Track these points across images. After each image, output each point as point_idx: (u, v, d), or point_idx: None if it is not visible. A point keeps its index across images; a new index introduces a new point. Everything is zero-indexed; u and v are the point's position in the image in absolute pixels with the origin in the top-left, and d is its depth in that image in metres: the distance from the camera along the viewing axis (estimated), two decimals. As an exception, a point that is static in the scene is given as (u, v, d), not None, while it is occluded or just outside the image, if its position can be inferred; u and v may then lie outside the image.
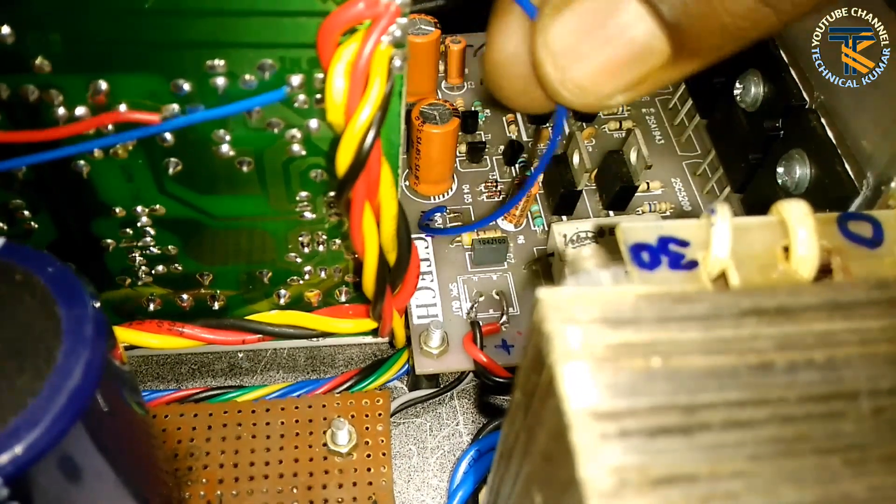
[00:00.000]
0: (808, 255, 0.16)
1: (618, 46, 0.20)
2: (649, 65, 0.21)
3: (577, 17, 0.21)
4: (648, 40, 0.20)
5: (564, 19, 0.21)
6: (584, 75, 0.21)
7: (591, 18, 0.21)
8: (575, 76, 0.21)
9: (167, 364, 0.34)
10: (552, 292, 0.14)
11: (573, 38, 0.21)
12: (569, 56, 0.21)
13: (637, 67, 0.21)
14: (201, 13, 0.21)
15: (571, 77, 0.21)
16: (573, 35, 0.21)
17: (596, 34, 0.21)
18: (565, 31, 0.21)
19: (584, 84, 0.21)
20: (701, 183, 0.38)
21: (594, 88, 0.21)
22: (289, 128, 0.24)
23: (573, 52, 0.21)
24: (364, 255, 0.25)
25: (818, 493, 0.13)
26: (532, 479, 0.16)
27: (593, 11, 0.20)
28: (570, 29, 0.21)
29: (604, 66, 0.21)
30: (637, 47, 0.20)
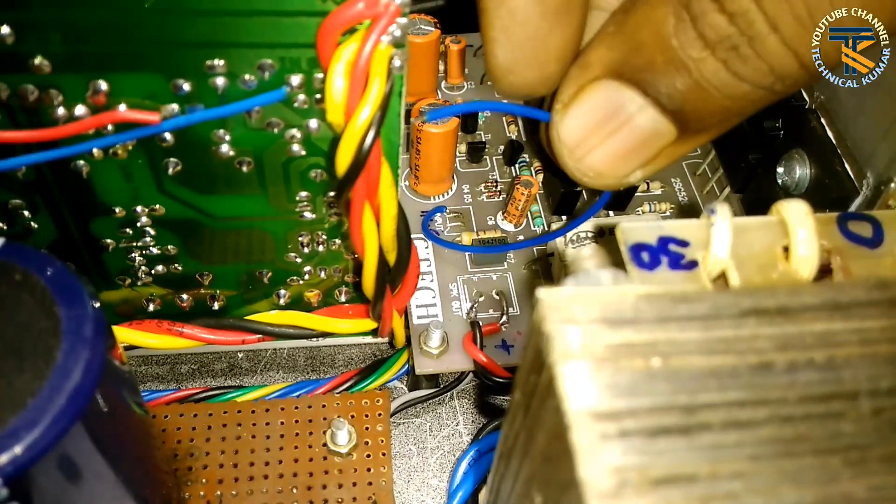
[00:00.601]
0: (808, 255, 0.16)
1: (625, 135, 0.22)
2: (658, 146, 0.22)
3: (585, 113, 0.22)
4: (653, 126, 0.21)
5: (572, 115, 0.22)
6: (599, 162, 0.23)
7: (596, 113, 0.22)
8: (590, 164, 0.23)
9: (167, 364, 0.34)
10: (552, 292, 0.14)
11: (583, 131, 0.22)
12: (582, 147, 0.23)
13: (647, 150, 0.22)
14: (201, 13, 0.21)
15: (588, 165, 0.23)
16: (583, 129, 0.22)
17: (604, 127, 0.22)
18: (576, 126, 0.22)
19: (601, 169, 0.23)
20: (701, 183, 0.38)
21: (611, 172, 0.23)
22: (288, 128, 0.24)
23: (586, 144, 0.22)
24: (364, 255, 0.25)
25: (818, 493, 0.13)
26: (532, 479, 0.16)
27: (599, 106, 0.22)
28: (579, 123, 0.22)
29: (616, 153, 0.22)
30: (644, 134, 0.22)
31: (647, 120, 0.21)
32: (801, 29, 0.19)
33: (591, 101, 0.22)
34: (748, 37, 0.19)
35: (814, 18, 0.19)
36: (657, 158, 0.23)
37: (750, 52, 0.19)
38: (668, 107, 0.21)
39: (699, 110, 0.21)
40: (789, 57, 0.19)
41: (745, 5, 0.19)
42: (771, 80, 0.20)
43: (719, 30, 0.19)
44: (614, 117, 0.22)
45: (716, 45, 0.19)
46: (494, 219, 0.36)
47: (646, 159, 0.23)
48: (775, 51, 0.19)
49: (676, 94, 0.20)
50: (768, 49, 0.19)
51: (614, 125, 0.22)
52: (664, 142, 0.22)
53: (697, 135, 0.22)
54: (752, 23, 0.19)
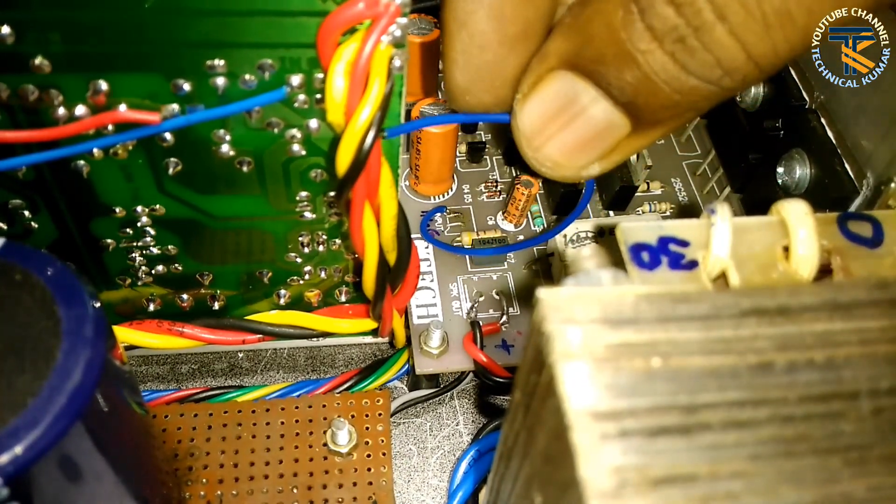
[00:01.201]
0: (808, 255, 0.16)
1: (581, 127, 0.22)
2: (613, 138, 0.22)
3: (541, 103, 0.22)
4: (608, 118, 0.22)
5: (530, 105, 0.23)
6: (556, 152, 0.23)
7: (553, 104, 0.22)
8: (547, 154, 0.23)
9: (167, 364, 0.34)
10: (552, 292, 0.14)
11: (540, 121, 0.23)
12: (539, 137, 0.23)
13: (603, 142, 0.22)
14: (201, 13, 0.21)
15: (545, 154, 0.23)
16: (540, 119, 0.23)
17: (559, 117, 0.22)
18: (533, 116, 0.23)
19: (558, 160, 0.23)
20: (701, 183, 0.38)
21: (568, 163, 0.23)
22: (289, 128, 0.24)
23: (542, 134, 0.23)
24: (364, 255, 0.25)
25: (818, 493, 0.13)
26: (532, 479, 0.16)
27: (554, 97, 0.22)
28: (536, 113, 0.23)
29: (572, 143, 0.23)
30: (599, 125, 0.22)
31: (601, 112, 0.21)
32: (748, 18, 0.18)
33: (547, 92, 0.22)
34: (694, 27, 0.19)
35: (762, 7, 0.18)
36: (614, 151, 0.23)
37: (696, 44, 0.19)
38: (619, 99, 0.21)
39: (650, 103, 0.21)
40: (736, 49, 0.19)
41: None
42: (719, 74, 0.19)
43: (666, 21, 0.19)
44: (569, 108, 0.22)
45: (663, 36, 0.19)
46: (494, 219, 0.36)
47: (602, 151, 0.23)
48: (722, 42, 0.19)
49: (627, 87, 0.20)
50: (715, 40, 0.19)
51: (569, 116, 0.22)
52: (619, 134, 0.22)
53: (652, 128, 0.22)
54: (698, 12, 0.18)
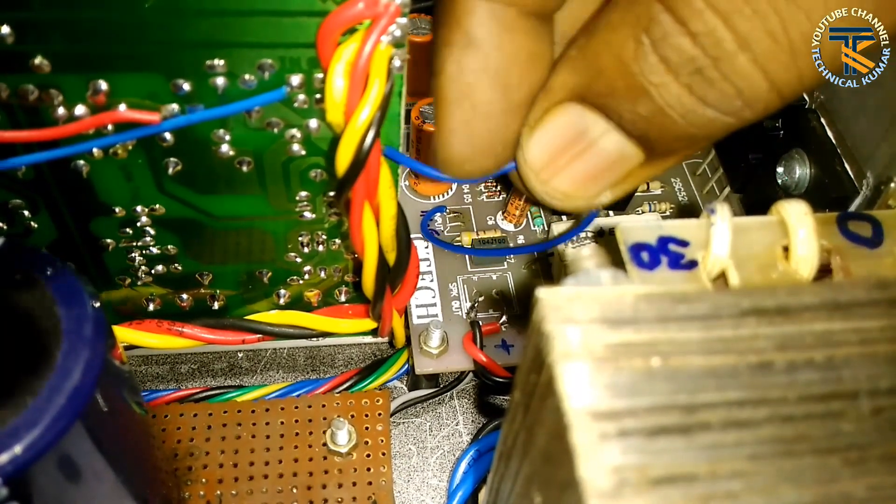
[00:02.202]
0: (807, 255, 0.16)
1: (590, 159, 0.22)
2: (625, 169, 0.22)
3: (549, 136, 0.22)
4: (619, 150, 0.21)
5: (538, 138, 0.22)
6: (566, 184, 0.22)
7: (562, 136, 0.22)
8: (557, 186, 0.23)
9: (167, 364, 0.34)
10: (552, 292, 0.14)
11: (549, 154, 0.22)
12: (548, 170, 0.22)
13: (613, 173, 0.22)
14: (201, 13, 0.21)
15: (554, 187, 0.23)
16: (548, 152, 0.22)
17: (569, 150, 0.22)
18: (541, 149, 0.22)
19: (568, 191, 0.23)
20: (701, 183, 0.38)
21: (578, 194, 0.23)
22: (288, 127, 0.24)
23: (551, 167, 0.22)
24: (364, 255, 0.25)
25: (818, 492, 0.13)
26: (532, 478, 0.16)
27: (563, 129, 0.21)
28: (544, 146, 0.22)
29: (582, 175, 0.22)
30: (610, 157, 0.21)
31: (612, 144, 0.21)
32: (774, 46, 0.18)
33: (555, 125, 0.22)
34: (714, 58, 0.18)
35: (789, 34, 0.17)
36: (626, 181, 0.22)
37: (716, 75, 0.18)
38: (632, 132, 0.20)
39: (664, 136, 0.20)
40: (759, 78, 0.18)
41: (711, 24, 0.18)
42: (738, 106, 0.19)
43: (682, 52, 0.18)
44: (579, 141, 0.21)
45: (679, 68, 0.18)
46: (494, 219, 0.36)
47: (613, 181, 0.22)
48: (745, 72, 0.18)
49: (640, 121, 0.20)
50: (737, 70, 0.18)
51: (579, 148, 0.21)
52: (630, 165, 0.22)
53: (665, 157, 0.22)
54: (718, 42, 0.18)
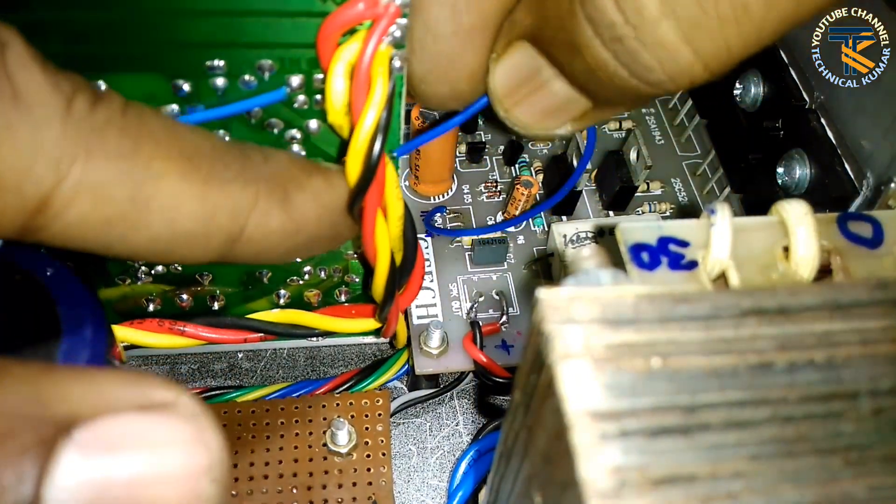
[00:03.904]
0: (808, 256, 0.16)
1: (543, 97, 0.22)
2: (577, 110, 0.22)
3: (508, 70, 0.22)
4: (567, 94, 0.22)
5: (500, 69, 0.23)
6: (524, 116, 0.23)
7: (518, 72, 0.22)
8: (516, 116, 0.23)
9: (167, 364, 0.34)
10: (552, 292, 0.14)
11: (508, 86, 0.23)
12: (508, 100, 0.23)
13: (567, 112, 0.22)
14: (201, 13, 0.21)
15: (514, 116, 0.23)
16: (508, 83, 0.23)
17: (525, 85, 0.22)
18: (503, 80, 0.23)
19: (527, 122, 0.23)
20: (701, 183, 0.38)
21: (538, 125, 0.23)
22: (288, 128, 0.24)
23: (511, 98, 0.23)
24: (376, 262, 0.25)
25: (818, 493, 0.13)
26: (532, 479, 0.16)
27: (519, 66, 0.22)
28: (504, 79, 0.23)
29: (538, 110, 0.23)
30: (560, 99, 0.22)
31: (560, 88, 0.22)
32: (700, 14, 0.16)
33: (513, 60, 0.22)
34: (634, 25, 0.17)
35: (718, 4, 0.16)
36: (582, 119, 0.23)
37: (637, 45, 0.17)
38: (573, 83, 0.21)
39: (600, 92, 0.20)
40: (683, 49, 0.17)
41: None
42: (662, 79, 0.18)
43: (605, 14, 0.17)
44: (533, 79, 0.22)
45: (603, 32, 0.17)
46: (494, 219, 0.36)
47: (567, 118, 0.23)
48: (666, 42, 0.17)
49: (577, 74, 0.20)
50: (658, 40, 0.17)
51: (533, 86, 0.22)
52: (581, 108, 0.22)
53: (611, 107, 0.22)
54: (639, 8, 0.16)
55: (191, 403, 0.13)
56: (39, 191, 0.16)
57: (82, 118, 0.17)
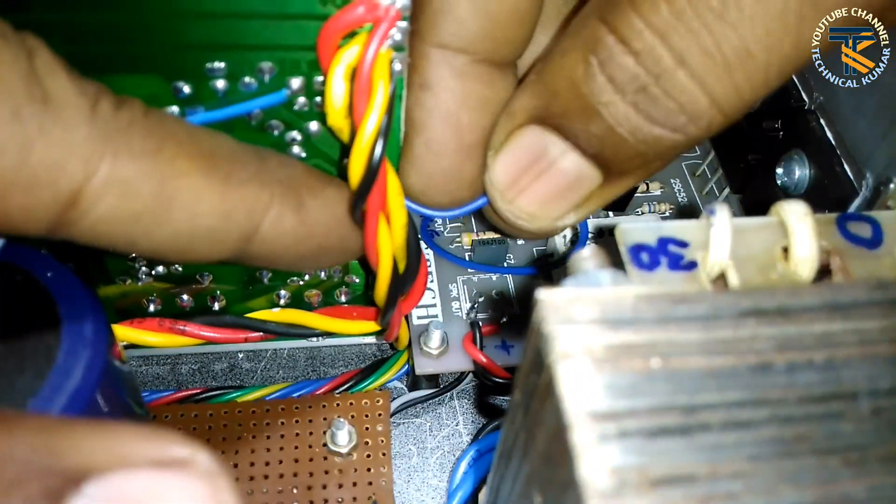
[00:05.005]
0: (807, 256, 0.16)
1: (552, 178, 0.22)
2: (585, 189, 0.23)
3: (513, 157, 0.23)
4: (578, 170, 0.22)
5: (502, 158, 0.23)
6: (530, 204, 0.23)
7: (524, 157, 0.22)
8: (521, 206, 0.23)
9: (167, 364, 0.34)
10: (552, 293, 0.14)
11: (513, 175, 0.23)
12: (512, 190, 0.23)
13: (575, 193, 0.23)
14: (201, 15, 0.21)
15: (519, 207, 0.23)
16: (512, 172, 0.23)
17: (531, 170, 0.22)
18: (505, 170, 0.23)
19: (533, 211, 0.23)
20: (700, 184, 0.38)
21: (543, 214, 0.23)
22: (288, 130, 0.24)
23: (515, 187, 0.23)
24: (378, 267, 0.25)
25: (817, 493, 0.13)
26: (532, 479, 0.16)
27: (524, 150, 0.22)
28: (507, 168, 0.23)
29: (545, 195, 0.23)
30: (570, 176, 0.22)
31: (571, 164, 0.22)
32: (707, 60, 0.18)
33: (517, 146, 0.22)
34: (655, 75, 0.19)
35: (720, 48, 0.18)
36: (588, 201, 0.23)
37: (658, 92, 0.19)
38: (587, 151, 0.21)
39: (617, 154, 0.21)
40: (698, 93, 0.19)
41: (650, 42, 0.18)
42: (683, 121, 0.19)
43: (626, 71, 0.19)
44: (540, 161, 0.22)
45: (624, 86, 0.19)
46: (494, 219, 0.36)
47: (575, 202, 0.23)
48: (684, 87, 0.19)
49: (594, 140, 0.21)
50: (676, 86, 0.19)
51: (540, 168, 0.22)
52: (590, 185, 0.22)
53: (622, 177, 0.22)
54: (658, 59, 0.18)
55: (208, 461, 0.13)
56: (71, 186, 0.17)
57: (108, 120, 0.18)
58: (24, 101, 0.16)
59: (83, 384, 0.18)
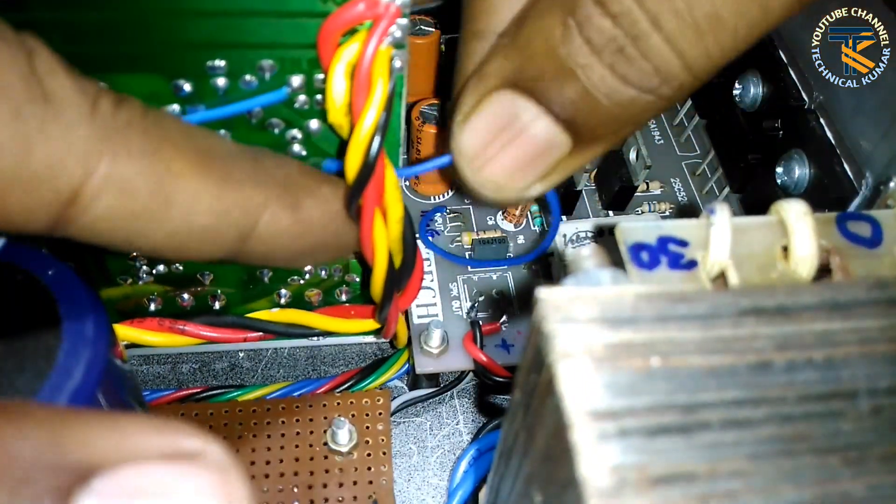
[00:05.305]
0: (807, 255, 0.17)
1: (522, 145, 0.22)
2: (555, 157, 0.22)
3: (483, 122, 0.22)
4: (549, 136, 0.22)
5: (472, 125, 0.23)
6: (498, 173, 0.23)
7: (494, 123, 0.22)
8: (490, 175, 0.23)
9: (168, 364, 0.34)
10: (552, 292, 0.14)
11: (481, 142, 0.23)
12: (481, 157, 0.23)
13: (544, 160, 0.23)
14: (202, 13, 0.21)
15: (487, 176, 0.23)
16: (481, 140, 0.23)
17: (501, 136, 0.22)
18: (473, 137, 0.23)
19: (500, 181, 0.23)
20: (700, 183, 0.38)
21: (510, 184, 0.23)
22: (289, 128, 0.24)
23: (483, 155, 0.23)
24: (374, 262, 0.25)
25: (817, 492, 0.13)
26: (532, 478, 0.16)
27: (495, 115, 0.22)
28: (476, 134, 0.23)
29: (514, 163, 0.23)
30: (540, 143, 0.22)
31: (542, 129, 0.22)
32: (681, 24, 0.19)
33: (488, 112, 0.22)
34: (632, 37, 0.19)
35: (693, 13, 0.18)
36: (554, 171, 0.23)
37: (634, 53, 0.19)
38: (560, 115, 0.21)
39: (590, 118, 0.21)
40: (672, 55, 0.19)
41: (627, 5, 0.19)
42: (656, 82, 0.20)
43: (604, 33, 0.19)
44: (510, 127, 0.22)
45: (602, 49, 0.19)
46: (494, 218, 0.36)
47: (543, 171, 0.23)
48: (658, 50, 0.19)
49: (568, 103, 0.21)
50: (652, 48, 0.19)
51: (511, 135, 0.22)
52: (559, 152, 0.22)
53: (590, 145, 0.22)
54: (634, 22, 0.19)
55: (219, 453, 0.13)
56: (71, 183, 0.17)
57: (107, 119, 0.18)
58: (25, 101, 0.16)
59: (84, 384, 0.18)
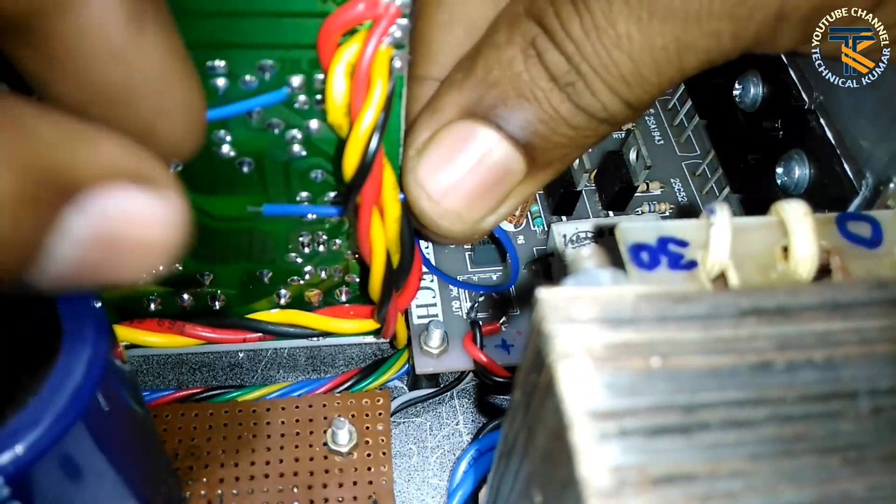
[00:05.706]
0: (807, 255, 0.17)
1: (482, 170, 0.23)
2: (511, 183, 0.23)
3: (440, 155, 0.23)
4: (507, 161, 0.22)
5: (429, 156, 0.23)
6: (456, 203, 0.23)
7: (452, 153, 0.23)
8: (449, 205, 0.23)
9: (168, 364, 0.34)
10: (552, 292, 0.14)
11: (439, 173, 0.23)
12: (439, 188, 0.23)
13: (501, 187, 0.23)
14: (202, 14, 0.21)
15: (447, 207, 0.23)
16: (439, 168, 0.23)
17: (460, 164, 0.23)
18: (431, 169, 0.23)
19: (459, 210, 0.23)
20: (700, 183, 0.38)
21: (468, 214, 0.23)
22: (289, 128, 0.24)
23: (442, 185, 0.23)
24: (371, 260, 0.25)
25: (817, 492, 0.13)
26: (532, 478, 0.16)
27: (454, 143, 0.23)
28: (435, 166, 0.23)
29: (474, 190, 0.23)
30: (500, 168, 0.23)
31: (502, 154, 0.22)
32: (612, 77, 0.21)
33: (447, 142, 0.23)
34: (581, 74, 0.21)
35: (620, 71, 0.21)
36: (509, 198, 0.24)
37: (584, 90, 0.21)
38: (519, 139, 0.22)
39: (547, 141, 0.22)
40: (611, 97, 0.21)
41: (571, 49, 0.21)
42: (605, 115, 0.22)
43: (558, 67, 0.21)
44: (471, 154, 0.22)
45: (559, 78, 0.21)
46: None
47: (499, 198, 0.23)
48: (601, 91, 0.21)
49: (528, 126, 0.22)
50: (597, 89, 0.21)
51: (470, 161, 0.23)
52: (515, 178, 0.23)
53: (543, 170, 0.23)
54: (579, 65, 0.21)
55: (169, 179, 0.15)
56: None
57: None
58: None
59: (84, 384, 0.18)
